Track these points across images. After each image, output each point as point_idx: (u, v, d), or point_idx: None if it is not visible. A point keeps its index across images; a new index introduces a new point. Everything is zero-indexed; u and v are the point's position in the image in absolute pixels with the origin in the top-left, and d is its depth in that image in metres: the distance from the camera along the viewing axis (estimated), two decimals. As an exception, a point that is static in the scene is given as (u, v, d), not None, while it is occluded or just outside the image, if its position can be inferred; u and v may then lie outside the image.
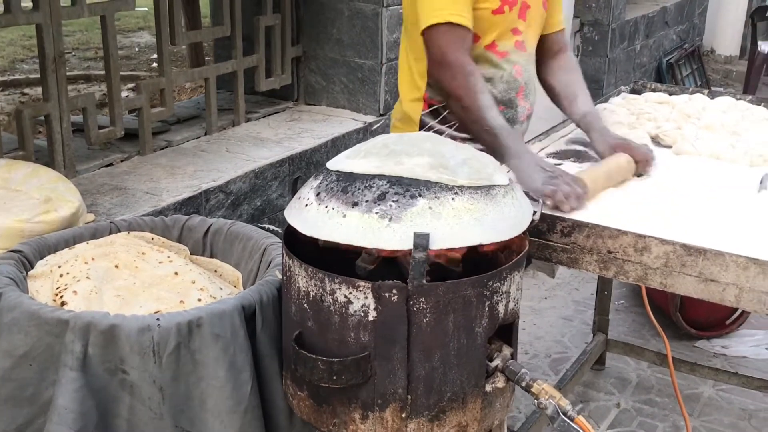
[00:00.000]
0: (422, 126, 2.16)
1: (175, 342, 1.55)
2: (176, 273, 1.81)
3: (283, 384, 1.67)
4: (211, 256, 2.01)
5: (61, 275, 1.76)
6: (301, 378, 1.55)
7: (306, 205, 1.54)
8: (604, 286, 3.17)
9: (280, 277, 1.73)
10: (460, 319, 1.47)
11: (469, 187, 1.48)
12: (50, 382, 1.58)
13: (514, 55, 2.17)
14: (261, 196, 2.65)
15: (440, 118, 2.16)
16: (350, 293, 1.45)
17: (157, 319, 1.55)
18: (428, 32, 2.02)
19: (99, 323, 1.53)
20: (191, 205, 2.37)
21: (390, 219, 1.44)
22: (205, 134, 2.97)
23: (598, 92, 5.31)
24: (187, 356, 1.56)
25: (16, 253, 1.82)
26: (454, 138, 1.96)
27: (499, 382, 1.56)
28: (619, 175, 2.08)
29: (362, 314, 1.45)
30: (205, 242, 2.03)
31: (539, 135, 2.41)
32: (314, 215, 1.51)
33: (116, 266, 1.79)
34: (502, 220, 1.49)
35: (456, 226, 1.44)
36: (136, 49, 8.82)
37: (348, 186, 1.50)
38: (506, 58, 2.16)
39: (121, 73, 7.25)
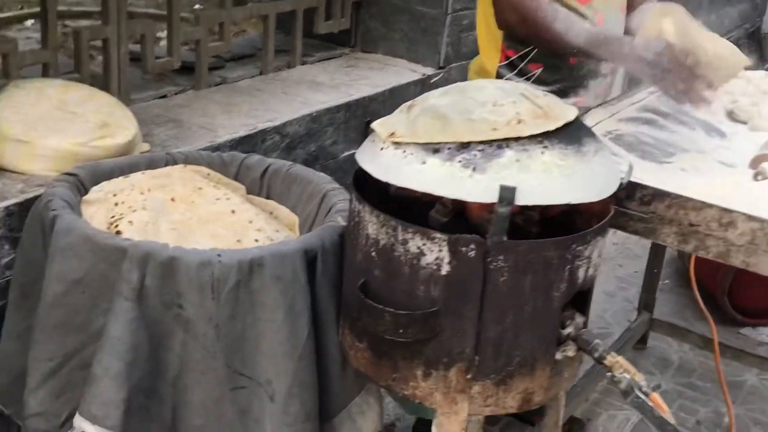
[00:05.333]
0: (498, 78, 2.07)
1: (235, 280, 1.48)
2: (233, 211, 1.74)
3: (339, 334, 1.61)
4: (268, 197, 1.94)
5: (116, 203, 1.70)
6: (363, 328, 1.49)
7: (381, 149, 1.46)
8: (654, 263, 3.07)
9: (342, 223, 1.66)
10: (539, 281, 1.39)
11: (560, 142, 1.39)
12: (102, 311, 1.52)
13: (596, 1, 2.07)
14: (316, 142, 2.57)
15: (517, 70, 2.08)
16: (424, 245, 1.38)
17: (218, 255, 1.49)
18: None
19: (158, 254, 1.46)
20: (247, 144, 2.29)
21: (474, 169, 1.35)
22: (260, 74, 2.87)
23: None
24: (246, 296, 1.50)
25: (71, 176, 1.76)
26: None
27: (570, 351, 1.48)
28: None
29: (435, 267, 1.38)
30: (262, 182, 1.96)
31: (609, 101, 2.29)
32: (389, 160, 1.43)
33: (172, 199, 1.73)
34: (591, 179, 1.41)
35: (545, 181, 1.35)
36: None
37: (429, 131, 1.42)
38: (589, 4, 2.06)
39: (160, 12, 7.15)
